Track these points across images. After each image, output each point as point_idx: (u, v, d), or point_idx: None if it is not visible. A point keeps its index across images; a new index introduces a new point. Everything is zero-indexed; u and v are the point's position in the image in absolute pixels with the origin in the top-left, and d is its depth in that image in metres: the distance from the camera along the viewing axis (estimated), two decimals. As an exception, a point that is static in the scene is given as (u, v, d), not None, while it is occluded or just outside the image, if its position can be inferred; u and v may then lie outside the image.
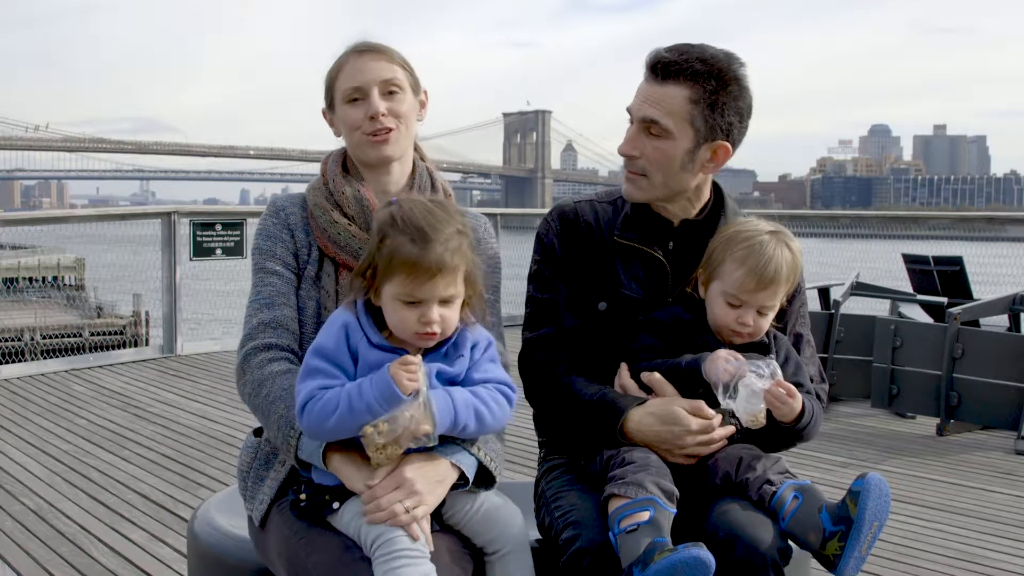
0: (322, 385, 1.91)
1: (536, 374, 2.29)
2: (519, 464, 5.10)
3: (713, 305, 2.18)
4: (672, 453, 2.09)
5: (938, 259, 8.14)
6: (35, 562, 3.91)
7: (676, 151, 2.17)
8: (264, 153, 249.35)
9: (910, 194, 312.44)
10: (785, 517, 2.00)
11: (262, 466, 2.15)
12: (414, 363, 1.87)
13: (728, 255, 2.15)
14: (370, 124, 2.19)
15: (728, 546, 1.94)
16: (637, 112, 2.20)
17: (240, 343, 2.17)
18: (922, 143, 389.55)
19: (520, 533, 2.02)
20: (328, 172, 2.27)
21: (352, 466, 1.93)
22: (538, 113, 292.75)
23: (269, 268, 2.20)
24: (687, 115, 2.15)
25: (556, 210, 2.36)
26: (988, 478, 5.29)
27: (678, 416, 2.08)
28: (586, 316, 2.27)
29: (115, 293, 16.03)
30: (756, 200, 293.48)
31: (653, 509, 1.93)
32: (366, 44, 2.24)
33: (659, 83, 2.16)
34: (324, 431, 1.91)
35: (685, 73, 2.14)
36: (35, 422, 6.23)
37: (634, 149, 2.21)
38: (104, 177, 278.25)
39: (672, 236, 2.27)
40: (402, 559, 1.82)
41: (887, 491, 1.97)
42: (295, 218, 2.24)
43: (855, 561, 1.95)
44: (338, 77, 2.23)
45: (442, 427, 1.88)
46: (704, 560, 1.82)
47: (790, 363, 2.22)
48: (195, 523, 2.37)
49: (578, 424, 2.20)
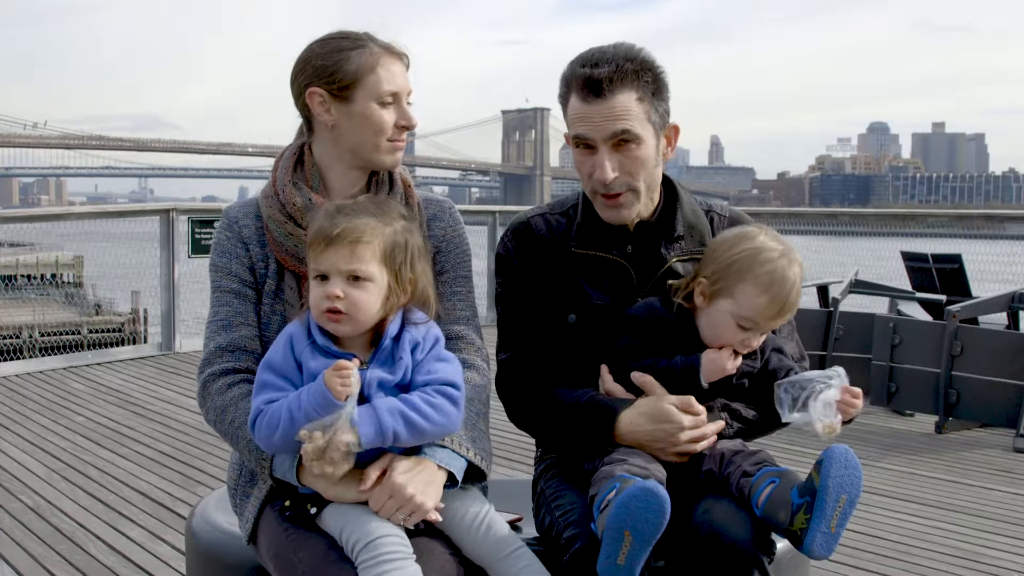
0: (268, 399, 1.90)
1: (516, 396, 2.26)
2: (516, 462, 5.09)
3: (719, 325, 2.10)
4: (665, 452, 2.08)
5: (937, 257, 8.15)
6: (33, 560, 3.91)
7: (649, 153, 2.15)
8: (263, 150, 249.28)
9: (909, 192, 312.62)
10: (760, 503, 1.95)
11: (247, 483, 2.13)
12: (347, 368, 1.83)
13: (750, 277, 2.07)
14: (396, 132, 2.14)
15: (711, 544, 1.94)
16: (602, 131, 2.12)
17: (199, 368, 2.12)
18: (921, 141, 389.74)
19: (515, 536, 2.01)
20: (278, 180, 2.16)
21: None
22: (537, 111, 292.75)
23: (225, 287, 2.13)
24: (644, 115, 2.13)
25: (510, 228, 2.33)
26: (987, 476, 5.29)
27: (670, 414, 2.06)
28: (557, 330, 2.24)
29: (113, 291, 16.02)
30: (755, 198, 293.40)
31: (620, 483, 1.90)
32: (397, 48, 2.16)
33: (605, 99, 2.11)
34: (274, 444, 1.90)
35: (626, 78, 2.11)
36: (33, 420, 6.22)
37: (614, 171, 2.13)
38: (103, 174, 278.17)
39: (629, 239, 2.23)
40: (387, 563, 1.80)
41: (855, 463, 1.90)
42: (249, 230, 2.15)
43: (823, 537, 1.88)
44: (371, 73, 2.10)
45: (365, 437, 1.83)
46: (648, 488, 1.81)
47: (771, 353, 2.18)
48: (193, 521, 2.37)
49: (569, 433, 2.18)
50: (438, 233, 2.24)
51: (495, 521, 1.99)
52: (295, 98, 2.18)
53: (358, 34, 2.16)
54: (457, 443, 2.01)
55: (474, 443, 2.05)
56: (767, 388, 2.12)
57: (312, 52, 2.14)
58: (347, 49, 2.12)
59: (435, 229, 2.24)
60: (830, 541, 1.90)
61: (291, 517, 1.96)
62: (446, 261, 2.23)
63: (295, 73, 2.16)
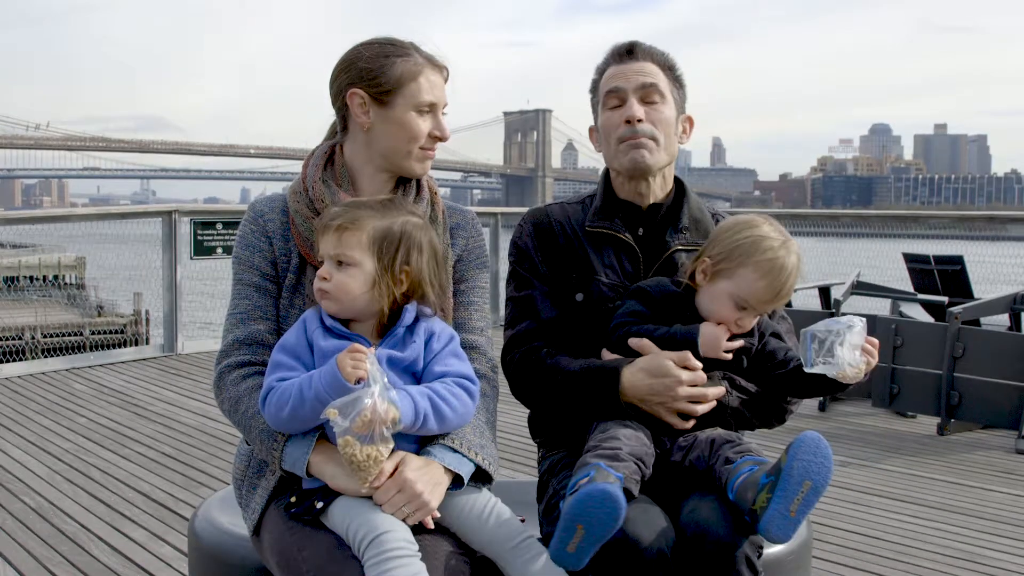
0: (280, 377, 1.96)
1: (520, 365, 2.32)
2: (519, 463, 5.10)
3: (717, 302, 2.18)
4: (666, 407, 2.13)
5: (939, 258, 8.14)
6: (36, 560, 3.91)
7: (672, 115, 2.36)
8: (265, 152, 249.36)
9: (911, 193, 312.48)
10: (735, 488, 1.97)
11: (255, 474, 2.15)
12: (361, 351, 1.88)
13: (751, 262, 2.15)
14: (429, 141, 2.20)
15: (698, 543, 1.95)
16: (633, 82, 2.34)
17: (216, 359, 2.18)
18: (923, 142, 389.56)
19: (523, 526, 2.02)
20: (308, 177, 2.21)
21: (332, 464, 1.95)
22: (539, 112, 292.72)
23: (246, 280, 2.18)
24: (668, 85, 2.38)
25: (528, 215, 2.47)
26: (989, 477, 5.28)
27: (668, 368, 2.12)
28: (564, 308, 2.33)
29: (115, 292, 16.04)
30: (757, 199, 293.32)
31: (594, 471, 1.93)
32: (439, 61, 2.22)
33: (637, 61, 2.37)
34: (282, 422, 1.96)
35: (653, 55, 2.38)
36: (36, 420, 6.23)
37: (641, 115, 2.31)
38: (105, 176, 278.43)
39: (641, 221, 2.36)
40: (393, 560, 1.82)
41: (825, 451, 1.92)
42: (274, 224, 2.20)
43: (781, 519, 1.89)
44: (413, 82, 2.16)
45: (405, 414, 1.88)
46: (607, 491, 1.84)
47: (769, 338, 2.24)
48: (196, 522, 2.37)
49: (572, 398, 2.22)
50: (460, 242, 2.30)
51: (503, 511, 2.01)
52: (333, 96, 2.23)
53: (404, 43, 2.21)
54: (466, 447, 2.03)
55: (482, 448, 2.07)
56: (763, 369, 2.21)
57: (358, 54, 2.19)
58: (392, 56, 2.17)
59: (457, 238, 2.30)
60: (788, 525, 1.90)
61: (296, 514, 1.98)
62: (466, 270, 2.30)
63: (337, 72, 2.22)
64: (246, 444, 2.20)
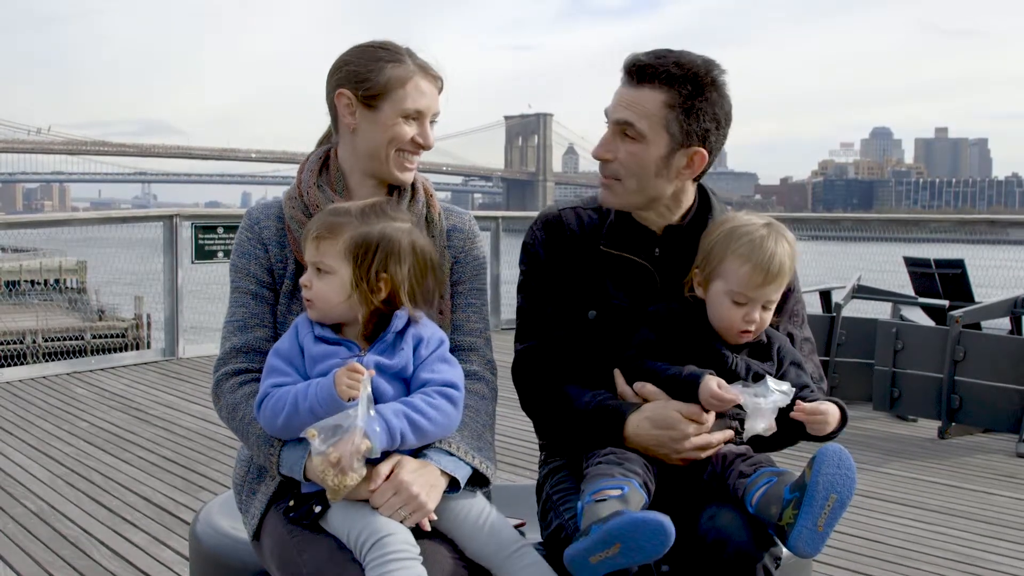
0: (275, 383, 1.98)
1: (530, 386, 2.28)
2: (519, 467, 5.10)
3: (718, 306, 2.13)
4: (669, 458, 2.09)
5: (939, 262, 8.13)
6: (36, 564, 3.91)
7: (650, 156, 2.14)
8: (266, 156, 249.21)
9: (911, 197, 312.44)
10: (754, 501, 1.95)
11: (255, 479, 2.16)
12: (359, 371, 1.89)
13: (729, 252, 2.11)
14: (411, 146, 2.18)
15: (718, 549, 1.94)
16: (612, 114, 2.17)
17: (214, 366, 2.18)
18: (924, 146, 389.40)
19: (518, 535, 2.02)
20: (303, 182, 2.21)
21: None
22: (539, 116, 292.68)
23: (243, 287, 2.18)
24: (662, 119, 2.12)
25: (541, 218, 2.33)
26: (989, 481, 5.29)
27: (674, 421, 2.07)
28: (576, 325, 2.25)
29: (117, 296, 16.04)
30: (757, 203, 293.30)
31: (627, 488, 1.90)
32: (433, 71, 2.21)
33: (635, 86, 2.14)
34: (277, 428, 1.97)
35: (660, 77, 2.12)
36: (37, 425, 6.23)
37: (608, 152, 2.18)
38: (106, 180, 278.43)
39: (657, 243, 2.24)
40: (396, 562, 1.82)
41: (848, 464, 1.90)
42: (269, 231, 2.20)
43: (809, 534, 1.88)
44: (400, 88, 2.15)
45: (380, 441, 1.87)
46: (664, 525, 1.81)
47: (789, 367, 2.19)
48: (197, 526, 2.37)
49: (578, 433, 2.18)
50: (456, 244, 2.28)
51: (498, 520, 2.01)
52: (327, 96, 2.24)
53: (398, 48, 2.20)
54: (463, 451, 2.04)
55: (479, 451, 2.07)
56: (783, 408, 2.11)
57: (351, 56, 2.20)
58: (383, 60, 2.17)
59: (454, 240, 2.29)
60: (817, 539, 1.89)
61: (295, 518, 1.98)
62: (463, 272, 2.28)
63: (330, 72, 2.23)
64: (247, 449, 2.21)
